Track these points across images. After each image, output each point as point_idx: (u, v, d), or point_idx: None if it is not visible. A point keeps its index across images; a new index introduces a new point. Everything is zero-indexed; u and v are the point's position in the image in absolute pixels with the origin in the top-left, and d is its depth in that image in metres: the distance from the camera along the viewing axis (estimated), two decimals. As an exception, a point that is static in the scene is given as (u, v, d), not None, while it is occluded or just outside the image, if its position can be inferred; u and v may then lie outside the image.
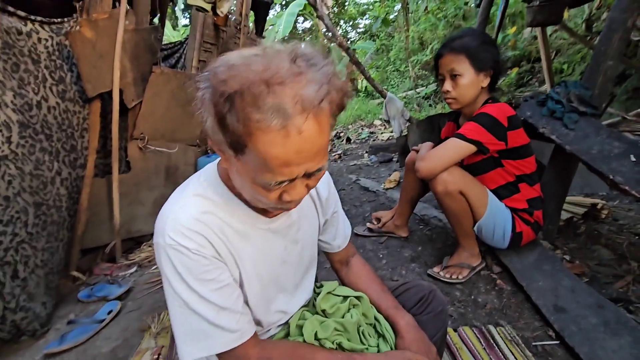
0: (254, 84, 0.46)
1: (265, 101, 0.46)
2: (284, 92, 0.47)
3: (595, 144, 1.46)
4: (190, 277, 0.60)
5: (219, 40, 3.06)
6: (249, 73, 0.47)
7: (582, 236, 1.79)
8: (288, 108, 0.46)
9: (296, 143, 0.49)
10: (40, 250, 1.56)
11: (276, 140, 0.48)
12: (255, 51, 0.51)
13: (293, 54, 0.50)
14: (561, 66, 4.93)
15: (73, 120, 1.80)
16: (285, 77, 0.47)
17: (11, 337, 1.42)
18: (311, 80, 0.49)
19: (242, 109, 0.47)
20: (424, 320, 0.85)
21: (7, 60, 1.43)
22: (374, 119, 7.03)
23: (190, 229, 0.60)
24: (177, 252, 0.60)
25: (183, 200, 0.64)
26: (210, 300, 0.61)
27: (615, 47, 1.58)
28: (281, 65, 0.48)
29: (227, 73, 0.48)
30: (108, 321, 1.59)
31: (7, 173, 1.38)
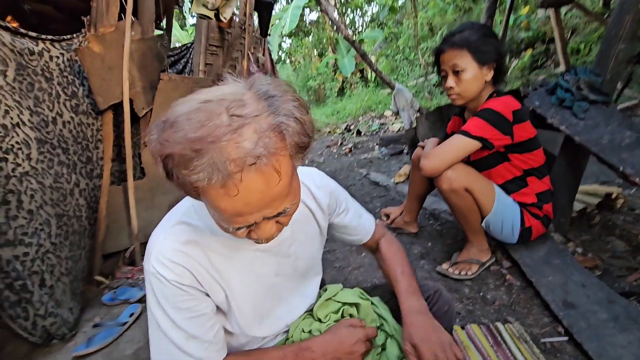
0: (184, 148, 0.46)
1: (195, 164, 0.46)
2: (216, 151, 0.45)
3: (606, 134, 1.42)
4: (166, 304, 0.64)
5: (224, 42, 3.10)
6: (184, 134, 0.46)
7: (596, 227, 1.76)
8: (222, 167, 0.46)
9: (241, 197, 0.49)
10: (65, 259, 1.65)
11: (220, 195, 0.49)
12: (203, 100, 0.49)
13: (231, 104, 0.48)
14: (578, 46, 4.74)
15: (87, 133, 1.87)
16: (220, 135, 0.46)
17: (43, 342, 1.52)
18: (250, 137, 0.46)
19: (178, 171, 0.48)
20: None
21: (22, 81, 1.50)
22: (385, 110, 6.95)
23: (170, 260, 0.63)
24: (157, 280, 0.64)
25: (168, 229, 0.67)
26: (181, 328, 0.65)
27: (628, 29, 1.52)
28: (218, 121, 0.46)
29: (167, 133, 0.48)
30: (130, 323, 1.67)
31: (29, 188, 1.46)
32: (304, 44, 12.75)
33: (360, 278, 1.73)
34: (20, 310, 1.38)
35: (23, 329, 1.41)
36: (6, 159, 1.36)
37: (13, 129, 1.40)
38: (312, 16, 12.52)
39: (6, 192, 1.35)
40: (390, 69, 9.23)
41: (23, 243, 1.41)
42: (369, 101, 7.74)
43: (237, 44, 3.28)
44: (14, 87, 1.45)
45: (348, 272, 1.79)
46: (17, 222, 1.39)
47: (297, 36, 12.56)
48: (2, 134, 1.35)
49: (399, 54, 9.02)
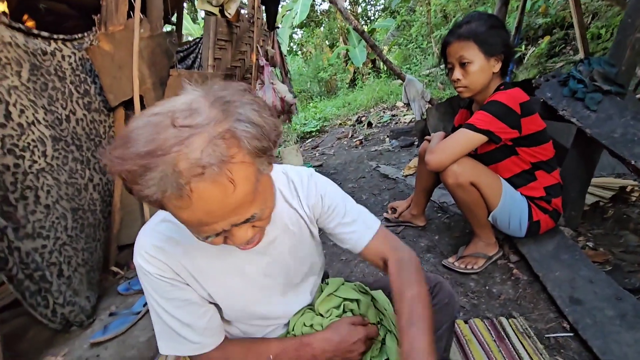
0: (134, 164, 0.45)
1: (146, 178, 0.45)
2: (165, 164, 0.44)
3: (619, 127, 1.37)
4: (155, 295, 0.69)
5: (232, 36, 3.11)
6: (134, 150, 0.45)
7: (609, 221, 1.71)
8: (172, 179, 0.45)
9: (198, 207, 0.48)
10: (81, 251, 1.72)
11: (178, 207, 0.48)
12: (153, 113, 0.49)
13: (175, 113, 0.47)
14: (599, 31, 4.54)
15: (100, 129, 1.93)
16: (168, 147, 0.45)
17: (62, 328, 1.60)
18: (199, 147, 0.45)
19: (132, 187, 0.47)
20: None
21: (36, 81, 1.56)
22: (397, 101, 6.86)
23: (151, 255, 0.67)
24: (142, 274, 0.69)
25: (151, 227, 0.70)
26: (174, 316, 0.69)
27: (645, 17, 1.46)
28: (166, 134, 0.46)
29: (119, 150, 0.47)
30: (144, 312, 1.74)
31: (46, 184, 1.52)
32: (315, 35, 12.63)
33: (367, 271, 1.74)
34: (40, 298, 1.46)
35: (44, 316, 1.49)
36: (23, 156, 1.42)
37: (29, 127, 1.46)
38: (323, 6, 12.37)
39: (24, 188, 1.42)
40: (403, 57, 9.07)
41: (41, 236, 1.48)
42: (381, 92, 7.64)
43: (245, 38, 3.29)
44: (28, 87, 1.50)
45: (354, 265, 1.80)
46: (35, 217, 1.46)
47: (309, 27, 12.45)
48: (19, 133, 1.41)
49: (411, 42, 8.84)
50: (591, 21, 4.87)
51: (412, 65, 8.43)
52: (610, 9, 4.60)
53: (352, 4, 11.44)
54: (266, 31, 3.72)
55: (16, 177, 1.40)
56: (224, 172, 0.47)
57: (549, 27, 5.37)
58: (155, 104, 0.51)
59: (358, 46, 9.41)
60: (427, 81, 6.89)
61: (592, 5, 4.92)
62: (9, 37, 1.45)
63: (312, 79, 11.15)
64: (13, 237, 1.37)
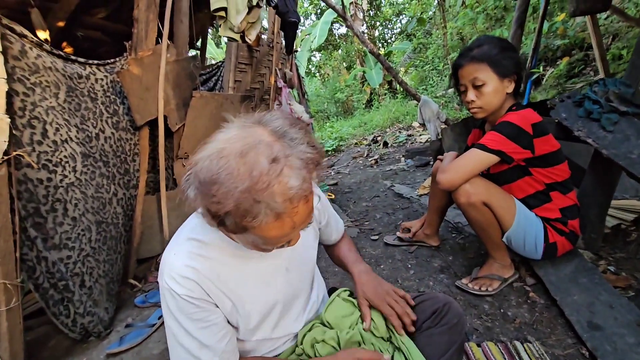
0: (244, 200, 0.53)
1: (256, 210, 0.54)
2: (272, 194, 0.54)
3: (636, 147, 1.35)
4: (180, 315, 0.71)
5: (252, 60, 3.25)
6: (236, 188, 0.53)
7: (632, 245, 1.65)
8: (279, 206, 0.55)
9: (290, 224, 0.59)
10: (102, 262, 1.80)
11: (273, 227, 0.58)
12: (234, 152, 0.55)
13: (269, 153, 0.54)
14: (619, 52, 4.48)
15: (126, 147, 2.05)
16: (269, 180, 0.53)
17: (81, 338, 1.65)
18: (291, 175, 0.55)
19: (238, 219, 0.56)
20: (437, 333, 0.85)
21: (71, 102, 1.69)
22: (413, 121, 6.89)
23: (181, 275, 0.70)
24: (170, 295, 0.70)
25: (178, 246, 0.73)
26: (194, 337, 0.71)
27: (660, 39, 1.46)
28: (262, 169, 0.53)
29: (216, 191, 0.53)
30: (158, 325, 1.78)
31: (74, 197, 1.62)
32: (332, 57, 12.96)
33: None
34: (62, 308, 1.52)
35: (64, 325, 1.54)
36: (55, 171, 1.52)
37: (62, 144, 1.57)
38: (341, 30, 12.75)
39: (54, 201, 1.51)
40: (420, 79, 9.15)
41: (67, 247, 1.56)
42: (397, 112, 7.70)
43: (264, 61, 3.43)
44: (64, 107, 1.63)
45: (366, 284, 1.79)
46: (63, 228, 1.54)
47: (327, 50, 12.81)
48: (53, 149, 1.52)
49: (428, 64, 8.93)
50: (612, 42, 4.82)
51: (428, 86, 8.49)
52: (631, 29, 4.55)
53: (369, 28, 11.75)
54: (285, 55, 3.87)
55: (48, 190, 1.50)
56: (310, 191, 0.59)
57: (567, 49, 5.34)
58: (214, 139, 0.59)
59: (374, 68, 9.58)
60: (443, 102, 6.91)
61: (612, 27, 4.88)
62: (49, 63, 1.59)
63: (329, 99, 11.37)
64: (42, 247, 1.45)
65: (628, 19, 3.58)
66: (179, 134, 2.47)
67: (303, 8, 12.31)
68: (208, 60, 7.51)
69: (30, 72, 1.47)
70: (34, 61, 1.50)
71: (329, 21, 9.25)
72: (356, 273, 0.96)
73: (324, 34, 9.14)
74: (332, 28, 11.64)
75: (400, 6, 11.62)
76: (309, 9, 12.58)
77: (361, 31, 4.64)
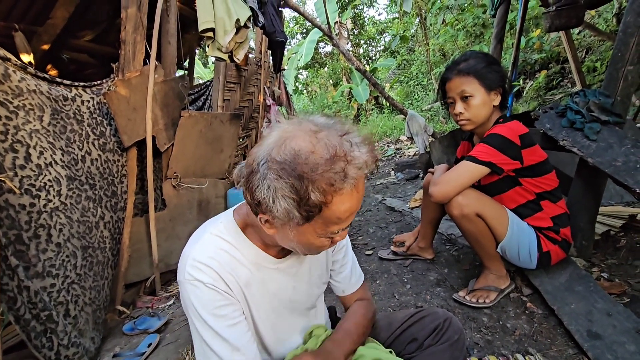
0: (328, 166, 0.57)
1: (340, 175, 0.57)
2: (350, 162, 0.58)
3: (620, 155, 1.39)
4: (205, 313, 0.67)
5: (241, 79, 3.28)
6: (320, 158, 0.57)
7: (622, 251, 1.68)
8: (354, 174, 0.59)
9: (357, 196, 0.62)
10: (88, 289, 1.72)
11: (347, 198, 0.60)
12: (308, 133, 0.61)
13: (340, 132, 0.61)
14: (593, 64, 4.69)
15: (113, 169, 2.00)
16: (345, 152, 0.59)
17: (65, 371, 1.57)
18: (360, 151, 0.60)
19: (324, 184, 0.57)
20: (439, 351, 0.84)
21: (56, 124, 1.66)
22: (400, 135, 7.00)
23: (205, 264, 0.68)
24: (193, 287, 0.67)
25: (201, 239, 0.72)
26: (224, 337, 0.67)
27: (634, 51, 1.52)
28: (336, 142, 0.59)
29: (303, 166, 0.57)
30: (148, 354, 1.70)
31: (58, 222, 1.56)
32: (319, 75, 13.18)
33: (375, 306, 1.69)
34: (45, 340, 1.44)
35: (47, 358, 1.46)
36: (39, 195, 1.47)
37: (46, 168, 1.52)
38: (327, 49, 13.02)
39: (38, 227, 1.46)
40: (405, 94, 9.36)
41: (51, 275, 1.49)
42: (384, 127, 7.83)
43: (253, 80, 3.46)
44: (48, 130, 1.59)
45: (362, 301, 1.76)
46: (46, 255, 1.48)
47: (313, 68, 13.04)
48: (36, 173, 1.47)
49: (412, 79, 9.17)
50: (585, 55, 5.05)
51: (414, 101, 8.69)
52: (603, 43, 4.78)
53: (354, 46, 12.04)
54: (273, 73, 3.92)
55: (31, 216, 1.44)
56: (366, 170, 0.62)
57: (545, 62, 5.57)
58: (270, 135, 0.63)
59: (361, 84, 9.77)
60: (429, 116, 7.06)
61: (585, 41, 5.12)
62: (34, 86, 1.56)
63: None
64: (23, 276, 1.38)
65: (600, 34, 3.76)
66: (167, 153, 2.44)
67: (289, 28, 12.58)
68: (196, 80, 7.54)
69: (13, 95, 1.44)
70: (17, 84, 1.47)
71: (314, 40, 9.44)
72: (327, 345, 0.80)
73: (310, 53, 9.31)
74: (318, 47, 11.88)
75: (383, 25, 12.00)
76: (295, 29, 12.86)
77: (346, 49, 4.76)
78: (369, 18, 12.49)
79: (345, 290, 0.95)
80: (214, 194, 2.87)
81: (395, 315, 0.99)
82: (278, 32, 2.94)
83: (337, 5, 9.88)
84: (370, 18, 12.57)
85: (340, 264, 0.93)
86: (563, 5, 2.74)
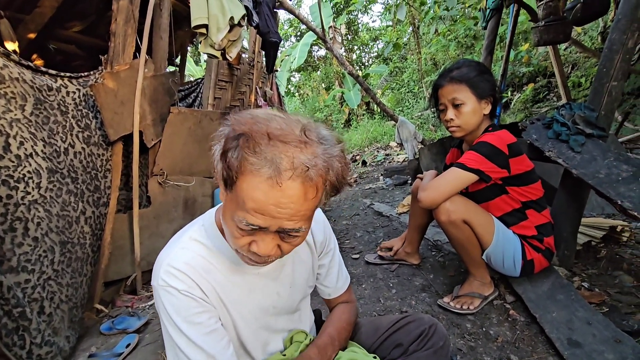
0: (261, 133, 0.54)
1: (263, 149, 0.53)
2: (283, 149, 0.53)
3: (603, 167, 1.42)
4: (179, 320, 0.64)
5: (233, 77, 3.25)
6: (262, 125, 0.55)
7: (602, 261, 1.72)
8: (280, 163, 0.52)
9: (277, 196, 0.54)
10: (65, 286, 1.66)
11: (261, 186, 0.53)
12: (280, 114, 0.59)
13: (306, 127, 0.57)
14: (578, 80, 4.83)
15: (97, 163, 1.95)
16: (291, 139, 0.54)
17: (36, 371, 1.50)
18: (311, 152, 0.55)
19: (243, 149, 0.53)
20: (424, 356, 0.84)
21: (39, 114, 1.60)
22: (390, 141, 7.05)
23: (180, 270, 0.65)
24: (167, 293, 0.65)
25: (179, 244, 0.70)
26: (199, 345, 0.65)
27: (618, 67, 1.57)
28: (293, 130, 0.55)
29: (247, 119, 0.56)
30: (126, 355, 1.64)
31: (37, 215, 1.51)
32: (312, 78, 13.22)
33: (360, 310, 1.69)
34: (17, 338, 1.38)
35: (18, 357, 1.40)
36: (17, 187, 1.42)
37: (26, 159, 1.47)
38: (320, 52, 13.08)
39: (14, 220, 1.40)
40: (396, 101, 9.46)
41: (26, 270, 1.43)
42: (375, 132, 7.88)
43: (245, 79, 3.44)
44: (30, 120, 1.54)
45: (348, 305, 1.75)
46: (22, 249, 1.42)
47: (306, 71, 13.06)
48: (15, 164, 1.42)
49: (404, 87, 9.27)
50: (571, 71, 5.20)
51: (404, 108, 8.78)
52: (588, 59, 4.93)
53: (347, 51, 12.12)
54: (265, 74, 3.90)
55: (7, 208, 1.39)
56: (315, 182, 0.55)
57: (532, 76, 5.71)
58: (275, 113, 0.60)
59: (353, 89, 9.83)
60: (419, 123, 7.14)
61: (571, 57, 5.28)
62: (17, 73, 1.51)
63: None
64: (-4, 271, 1.32)
65: (586, 50, 3.88)
66: (154, 150, 2.39)
67: (283, 30, 12.58)
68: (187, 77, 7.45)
69: (-6, 82, 1.39)
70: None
71: (308, 43, 9.46)
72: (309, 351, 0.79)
73: (304, 55, 9.32)
74: (312, 50, 11.92)
75: (376, 32, 12.12)
76: (289, 31, 12.87)
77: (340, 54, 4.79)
78: (363, 24, 12.61)
79: (332, 294, 0.95)
80: (201, 192, 2.82)
81: (381, 320, 0.98)
82: (272, 33, 2.93)
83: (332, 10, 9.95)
84: (364, 25, 12.69)
85: (327, 268, 0.92)
86: (551, 21, 2.82)
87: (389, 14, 9.41)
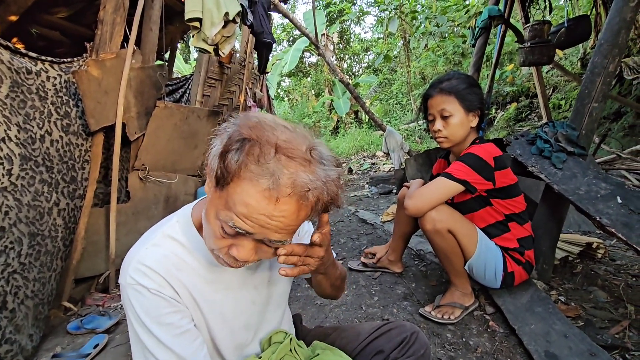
0: (269, 143, 0.53)
1: (267, 160, 0.52)
2: (287, 164, 0.53)
3: (583, 185, 1.46)
4: (148, 320, 0.61)
5: (223, 76, 3.21)
6: (270, 134, 0.54)
7: (578, 276, 1.76)
8: (281, 177, 0.52)
9: (270, 209, 0.53)
10: (32, 281, 1.57)
11: (256, 195, 0.53)
12: (288, 124, 0.59)
13: (313, 146, 0.57)
14: (559, 102, 5.02)
15: (75, 153, 1.87)
16: (296, 155, 0.53)
17: (-6, 371, 1.40)
18: (312, 172, 0.54)
19: (247, 154, 0.52)
20: None
21: (15, 98, 1.52)
22: (377, 150, 7.12)
23: (150, 268, 0.62)
24: (135, 292, 0.61)
25: (151, 240, 0.66)
26: (169, 347, 0.61)
27: (599, 90, 1.63)
28: (299, 146, 0.55)
29: (257, 124, 0.55)
30: (93, 355, 1.56)
31: (5, 204, 1.42)
32: (302, 84, 13.26)
33: (342, 317, 1.67)
34: (-27, 334, 1.29)
35: (-27, 356, 1.30)
36: (-14, 173, 1.34)
37: (-2, 144, 1.39)
38: (311, 59, 13.15)
39: (-20, 207, 1.32)
40: (384, 111, 9.59)
41: (-11, 261, 1.34)
42: (362, 141, 7.94)
43: (235, 79, 3.40)
44: (5, 103, 1.46)
45: (329, 310, 1.73)
46: (-13, 239, 1.33)
47: (296, 76, 13.10)
48: (-14, 148, 1.34)
49: (392, 98, 9.42)
50: (552, 93, 5.41)
51: (392, 119, 8.91)
52: (569, 83, 5.14)
53: (338, 60, 12.25)
54: (256, 75, 3.87)
55: (-27, 194, 1.30)
56: (309, 204, 0.55)
57: (516, 95, 5.91)
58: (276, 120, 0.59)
59: (342, 97, 9.91)
60: (405, 135, 7.25)
61: (553, 80, 5.49)
62: (-6, 54, 1.43)
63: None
64: (-44, 260, 1.23)
65: (567, 74, 4.05)
66: (137, 144, 2.32)
67: (276, 34, 12.61)
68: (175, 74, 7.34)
69: (-32, 60, 1.31)
70: (-24, 49, 1.34)
71: (300, 49, 9.51)
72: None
73: (295, 61, 9.36)
74: (303, 56, 11.97)
75: (368, 43, 12.31)
76: (282, 36, 12.91)
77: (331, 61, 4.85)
78: (355, 35, 12.79)
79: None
80: (184, 190, 2.75)
81: (363, 326, 0.97)
82: (266, 33, 2.92)
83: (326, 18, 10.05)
84: (356, 35, 12.88)
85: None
86: (537, 43, 2.93)
87: (381, 27, 9.59)
